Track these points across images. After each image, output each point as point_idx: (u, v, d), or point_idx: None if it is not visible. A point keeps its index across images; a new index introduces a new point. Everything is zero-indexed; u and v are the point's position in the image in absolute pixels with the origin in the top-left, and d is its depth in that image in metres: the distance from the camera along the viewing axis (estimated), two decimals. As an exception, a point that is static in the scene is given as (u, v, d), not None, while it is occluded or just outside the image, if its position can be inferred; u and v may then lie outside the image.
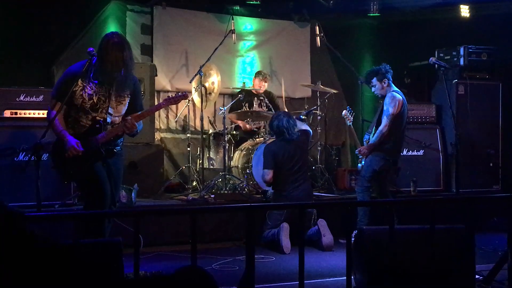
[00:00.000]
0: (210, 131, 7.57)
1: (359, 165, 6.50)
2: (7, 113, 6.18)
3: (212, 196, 6.73)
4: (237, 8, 8.77)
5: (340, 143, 9.05)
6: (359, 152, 6.42)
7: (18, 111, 6.20)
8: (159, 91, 8.04)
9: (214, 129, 7.69)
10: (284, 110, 7.38)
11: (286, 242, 5.95)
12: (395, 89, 6.37)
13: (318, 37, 8.27)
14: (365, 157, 6.36)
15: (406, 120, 6.51)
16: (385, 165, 6.33)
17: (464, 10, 8.16)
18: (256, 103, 7.80)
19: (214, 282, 2.95)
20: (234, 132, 7.66)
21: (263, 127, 7.71)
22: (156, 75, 7.51)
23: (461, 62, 7.90)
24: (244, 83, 8.09)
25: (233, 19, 7.96)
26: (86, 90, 4.45)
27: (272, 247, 6.04)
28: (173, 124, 8.35)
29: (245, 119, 7.74)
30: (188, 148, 7.55)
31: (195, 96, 7.54)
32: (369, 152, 6.33)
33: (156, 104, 6.33)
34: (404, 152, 7.12)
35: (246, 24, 8.85)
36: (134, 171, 6.88)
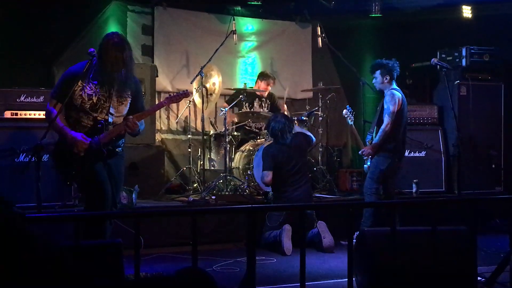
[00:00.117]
0: (211, 132, 7.56)
1: (365, 166, 6.46)
2: (8, 114, 6.17)
3: (213, 198, 6.72)
4: (238, 9, 8.76)
5: (342, 144, 9.03)
6: (363, 153, 6.37)
7: (19, 112, 6.18)
8: (160, 92, 8.03)
9: (215, 130, 7.67)
10: (283, 113, 7.36)
11: (288, 244, 5.93)
12: (395, 87, 6.32)
13: (320, 38, 8.25)
14: (370, 158, 6.33)
15: (407, 119, 6.49)
16: (392, 164, 6.28)
17: (466, 11, 8.13)
18: (257, 104, 7.79)
19: (215, 284, 2.93)
20: (235, 133, 7.64)
21: (264, 128, 7.69)
22: (157, 76, 7.49)
23: (463, 63, 7.89)
24: (245, 84, 8.08)
25: (234, 20, 7.96)
26: (86, 90, 4.43)
27: (273, 249, 6.02)
28: (174, 125, 8.34)
29: (246, 120, 7.73)
30: (189, 149, 7.54)
31: (196, 97, 7.52)
32: (373, 153, 6.28)
33: (158, 103, 6.31)
34: (406, 153, 7.08)
35: (248, 25, 8.84)
36: (135, 172, 6.87)
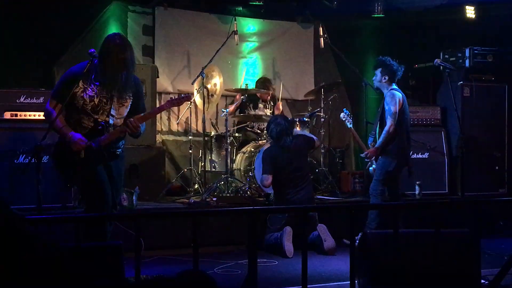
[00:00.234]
0: (212, 133, 7.52)
1: (370, 169, 6.38)
2: (7, 115, 6.13)
3: (214, 199, 6.68)
4: (240, 9, 8.71)
5: (344, 146, 8.99)
6: (366, 156, 6.31)
7: (18, 113, 6.15)
8: (161, 93, 8.00)
9: (216, 131, 7.64)
10: (282, 114, 7.33)
11: (289, 246, 5.89)
12: (394, 87, 6.25)
13: (322, 38, 8.21)
14: (375, 160, 6.27)
15: (410, 119, 6.44)
16: (398, 165, 6.21)
17: (470, 11, 8.09)
18: (261, 104, 7.77)
19: (216, 286, 2.91)
20: (237, 135, 7.61)
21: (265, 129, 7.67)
22: (158, 77, 7.45)
23: (467, 64, 7.85)
24: (247, 85, 8.04)
25: (236, 20, 7.94)
26: (87, 92, 4.42)
27: (275, 251, 5.99)
28: (175, 126, 8.30)
29: (248, 122, 7.69)
30: (190, 151, 7.50)
31: (197, 98, 7.49)
32: (377, 154, 6.22)
33: (159, 106, 6.30)
34: (409, 155, 7.04)
35: (249, 25, 8.80)
36: (135, 174, 6.83)
